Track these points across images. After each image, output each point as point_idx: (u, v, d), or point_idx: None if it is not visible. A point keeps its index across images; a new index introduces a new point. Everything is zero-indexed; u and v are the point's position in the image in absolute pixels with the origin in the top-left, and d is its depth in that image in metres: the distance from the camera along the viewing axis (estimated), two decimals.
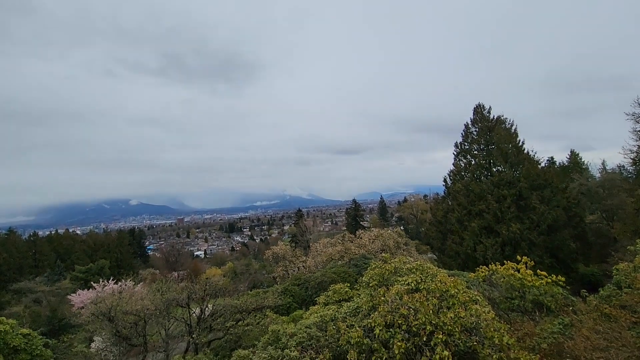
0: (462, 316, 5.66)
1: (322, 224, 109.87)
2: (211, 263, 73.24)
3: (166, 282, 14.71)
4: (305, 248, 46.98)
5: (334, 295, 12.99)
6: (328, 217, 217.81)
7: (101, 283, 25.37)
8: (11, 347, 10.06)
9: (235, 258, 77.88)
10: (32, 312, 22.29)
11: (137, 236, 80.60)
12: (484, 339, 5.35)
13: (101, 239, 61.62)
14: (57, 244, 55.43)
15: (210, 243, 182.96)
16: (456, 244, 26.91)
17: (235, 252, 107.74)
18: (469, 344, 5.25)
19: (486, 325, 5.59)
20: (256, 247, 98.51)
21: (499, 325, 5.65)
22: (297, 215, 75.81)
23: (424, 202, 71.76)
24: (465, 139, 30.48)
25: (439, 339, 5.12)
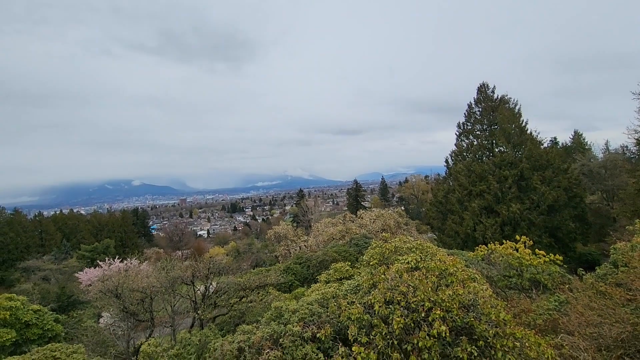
0: (460, 293, 5.80)
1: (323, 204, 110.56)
2: (214, 242, 74.34)
3: (171, 260, 15.02)
4: (307, 228, 47.53)
5: (335, 274, 13.27)
6: (329, 198, 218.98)
7: (107, 261, 25.92)
8: (23, 322, 10.42)
9: (238, 237, 78.94)
10: (41, 289, 22.88)
11: (140, 216, 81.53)
12: (481, 315, 5.50)
13: (105, 219, 62.38)
14: (62, 223, 56.19)
15: (213, 223, 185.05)
16: (456, 223, 27.15)
17: (238, 231, 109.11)
18: (466, 320, 5.39)
19: (483, 302, 5.73)
20: (258, 226, 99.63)
21: (495, 302, 5.80)
22: (299, 196, 76.30)
23: (425, 182, 71.83)
24: (468, 119, 30.18)
25: (437, 314, 5.27)
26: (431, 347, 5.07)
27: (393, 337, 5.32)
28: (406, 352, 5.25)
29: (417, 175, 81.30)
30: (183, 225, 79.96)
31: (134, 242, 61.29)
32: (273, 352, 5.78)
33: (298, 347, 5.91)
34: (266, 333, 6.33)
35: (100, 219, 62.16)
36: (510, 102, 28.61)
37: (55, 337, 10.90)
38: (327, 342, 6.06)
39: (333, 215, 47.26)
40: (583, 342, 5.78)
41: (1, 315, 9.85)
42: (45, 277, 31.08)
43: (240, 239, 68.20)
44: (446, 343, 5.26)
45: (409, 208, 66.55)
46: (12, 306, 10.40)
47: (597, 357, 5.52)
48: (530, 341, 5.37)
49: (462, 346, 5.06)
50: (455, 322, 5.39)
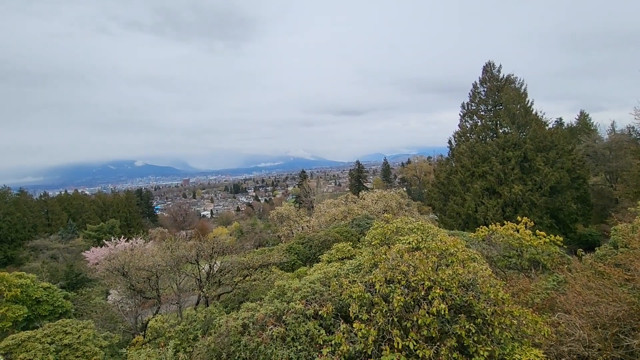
0: (460, 273, 5.89)
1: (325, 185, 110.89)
2: (217, 223, 75.21)
3: (175, 240, 15.26)
4: (309, 208, 47.87)
5: (337, 254, 13.46)
6: (332, 179, 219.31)
7: (113, 241, 26.38)
8: (34, 299, 10.74)
9: (241, 218, 79.80)
10: (50, 268, 23.43)
11: (144, 196, 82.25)
12: (480, 294, 5.61)
13: (110, 199, 62.96)
14: (68, 203, 56.80)
15: (216, 203, 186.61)
16: (458, 205, 27.25)
17: (241, 212, 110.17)
18: (465, 299, 5.50)
19: (482, 281, 5.83)
20: (261, 207, 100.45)
21: (494, 282, 5.90)
22: (301, 177, 76.43)
23: (428, 163, 71.60)
24: (473, 99, 29.73)
25: (437, 293, 5.38)
26: (430, 324, 5.21)
27: (393, 315, 5.46)
28: (406, 328, 5.40)
29: (420, 157, 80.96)
30: (187, 206, 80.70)
31: (139, 222, 62.09)
32: (276, 328, 5.95)
33: (301, 324, 6.08)
34: (269, 310, 6.50)
35: (105, 199, 62.76)
36: (516, 82, 28.09)
37: (65, 314, 11.25)
38: (328, 319, 6.22)
39: (335, 196, 47.47)
40: (579, 320, 5.91)
41: (13, 292, 10.14)
42: (53, 256, 31.75)
43: (243, 220, 68.96)
44: (445, 320, 5.39)
45: (411, 189, 66.67)
46: (23, 284, 10.69)
47: (593, 334, 5.66)
48: (528, 319, 5.50)
49: (460, 323, 5.19)
50: (455, 301, 5.51)
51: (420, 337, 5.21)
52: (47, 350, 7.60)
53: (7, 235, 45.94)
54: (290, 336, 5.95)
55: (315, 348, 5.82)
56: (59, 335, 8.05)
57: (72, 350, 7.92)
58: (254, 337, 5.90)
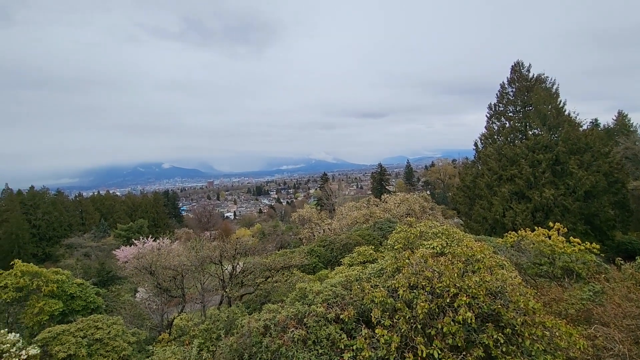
0: (487, 280, 5.68)
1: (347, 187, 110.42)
2: (240, 224, 76.49)
3: (200, 241, 15.64)
4: (331, 211, 47.80)
5: (359, 257, 13.33)
6: (353, 181, 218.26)
7: (141, 240, 27.36)
8: (68, 294, 11.28)
9: (263, 220, 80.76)
10: (83, 265, 24.62)
11: (171, 198, 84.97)
12: (509, 302, 5.37)
13: (139, 200, 65.51)
14: (100, 204, 59.59)
15: (239, 205, 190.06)
16: (484, 209, 26.39)
17: (263, 214, 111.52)
18: (493, 307, 5.29)
19: (512, 289, 5.59)
20: (283, 209, 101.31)
21: (525, 290, 5.64)
22: (323, 179, 76.54)
23: (452, 166, 69.86)
24: (500, 100, 28.78)
25: (463, 301, 5.19)
26: (456, 332, 5.03)
27: (417, 322, 5.32)
28: (430, 336, 5.25)
29: (444, 159, 79.14)
30: (211, 207, 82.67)
31: (166, 222, 64.20)
32: (297, 330, 5.94)
33: (322, 327, 6.04)
34: (291, 312, 6.50)
35: (134, 200, 65.35)
36: (547, 82, 26.95)
37: (97, 309, 11.74)
38: (350, 324, 6.15)
39: (357, 199, 47.18)
40: (619, 334, 5.54)
41: (50, 287, 10.70)
42: (86, 254, 33.34)
43: (265, 221, 69.72)
44: (471, 329, 5.20)
45: (435, 192, 65.22)
46: (59, 279, 11.26)
47: (634, 349, 5.29)
48: (561, 331, 5.21)
49: (488, 333, 4.99)
50: (482, 309, 5.30)
51: (445, 346, 5.05)
52: (80, 344, 7.95)
53: (45, 233, 48.73)
54: (311, 339, 5.92)
55: (337, 352, 5.76)
56: (90, 330, 8.41)
57: (103, 344, 8.24)
58: (276, 339, 5.92)
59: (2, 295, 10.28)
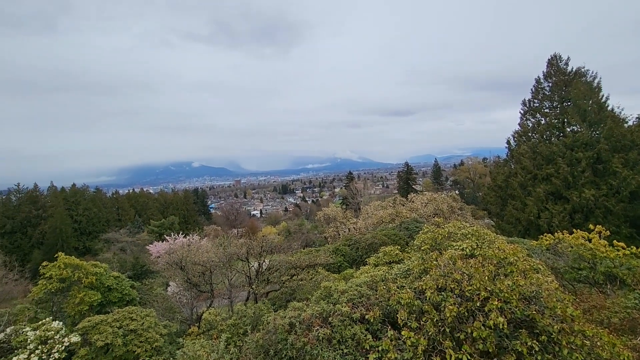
0: (521, 284, 5.41)
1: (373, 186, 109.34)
2: (266, 222, 77.73)
3: (227, 238, 16.02)
4: (356, 210, 47.53)
5: (385, 257, 13.16)
6: (379, 180, 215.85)
7: (172, 236, 28.43)
8: (106, 286, 11.91)
9: (289, 218, 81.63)
10: (119, 259, 25.92)
11: (200, 196, 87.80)
12: (545, 308, 5.10)
13: (170, 198, 68.11)
14: (135, 201, 62.50)
15: (265, 203, 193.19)
16: (517, 210, 25.27)
17: (288, 212, 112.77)
18: (527, 313, 5.04)
19: (548, 294, 5.30)
20: (308, 208, 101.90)
21: (562, 296, 5.33)
22: (348, 178, 76.21)
23: (483, 165, 67.40)
24: (536, 96, 27.41)
25: (494, 305, 4.98)
26: (486, 337, 4.84)
27: (445, 325, 5.17)
28: (459, 340, 5.08)
29: (474, 158, 76.49)
30: (238, 205, 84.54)
31: (195, 219, 66.36)
32: (322, 329, 5.94)
33: (347, 327, 6.01)
34: (316, 311, 6.51)
35: (166, 198, 68.02)
36: (588, 75, 25.36)
37: (131, 301, 12.32)
38: (375, 324, 6.08)
39: (383, 198, 46.61)
40: None
41: (89, 279, 11.35)
42: (122, 248, 35.10)
43: (291, 220, 70.45)
44: (503, 335, 4.98)
45: (464, 192, 63.23)
46: (98, 272, 11.92)
47: None
48: (603, 340, 4.88)
49: (521, 339, 4.77)
50: (515, 314, 5.07)
51: (475, 351, 4.88)
52: (116, 333, 8.37)
53: (85, 228, 51.78)
54: (336, 338, 5.90)
55: (362, 353, 5.71)
56: (126, 321, 8.83)
57: (137, 335, 8.63)
58: (301, 336, 5.95)
59: (48, 285, 11.02)
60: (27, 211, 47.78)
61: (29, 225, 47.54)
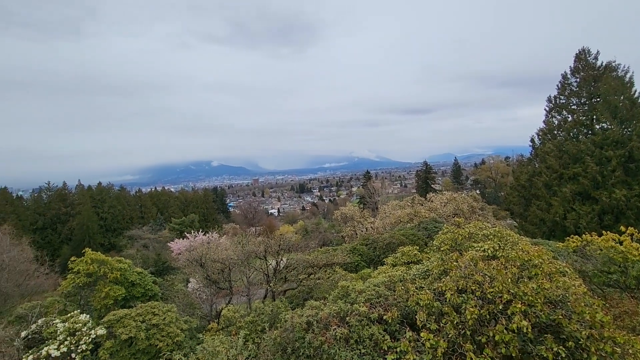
0: (546, 287, 5.23)
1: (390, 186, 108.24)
2: (284, 221, 78.28)
3: (246, 236, 16.23)
4: (374, 210, 47.21)
5: (403, 257, 12.99)
6: (397, 180, 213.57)
7: (193, 234, 29.06)
8: (130, 281, 12.30)
9: (306, 217, 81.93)
10: (142, 255, 26.73)
11: (219, 194, 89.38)
12: (572, 313, 4.90)
13: (190, 196, 69.71)
14: (157, 199, 64.30)
15: (282, 202, 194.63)
16: (542, 210, 24.43)
17: (306, 211, 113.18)
18: (553, 317, 4.86)
19: (575, 299, 5.10)
20: (325, 207, 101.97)
21: (591, 301, 5.11)
22: (365, 177, 75.78)
23: (505, 164, 65.48)
24: (562, 92, 26.39)
25: (518, 308, 4.83)
26: (509, 341, 4.70)
27: (466, 327, 5.05)
28: (480, 344, 4.96)
29: (496, 156, 74.45)
30: (256, 204, 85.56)
31: (214, 217, 67.64)
32: (340, 329, 5.92)
33: (364, 327, 5.97)
34: (333, 310, 6.50)
35: (186, 196, 69.65)
36: (619, 70, 24.20)
37: (153, 297, 12.68)
38: (393, 325, 6.00)
39: (401, 197, 46.06)
40: None
41: (114, 274, 11.76)
42: (145, 245, 36.15)
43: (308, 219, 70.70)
44: (527, 339, 4.83)
45: (485, 192, 61.68)
46: (122, 267, 12.32)
47: None
48: (635, 348, 4.65)
49: (546, 345, 4.60)
50: (540, 318, 4.90)
51: (497, 355, 4.74)
52: (139, 327, 8.63)
53: (110, 225, 53.71)
54: (353, 338, 5.87)
55: (380, 353, 5.66)
56: (148, 316, 9.09)
57: (159, 329, 8.88)
58: (318, 335, 5.95)
59: (76, 279, 11.48)
60: (56, 208, 50.02)
61: (58, 221, 49.76)
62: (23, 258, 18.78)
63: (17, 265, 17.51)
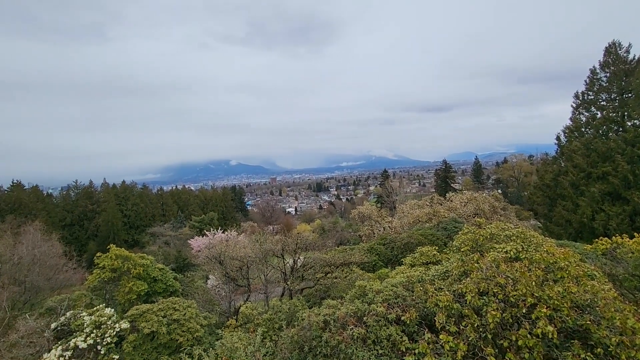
0: (573, 291, 5.02)
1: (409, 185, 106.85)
2: (301, 219, 78.59)
3: (263, 234, 16.40)
4: (391, 209, 46.73)
5: (421, 257, 12.80)
6: (415, 179, 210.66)
7: (212, 232, 29.62)
8: (152, 277, 12.65)
9: (323, 216, 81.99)
10: (163, 252, 27.47)
11: (238, 193, 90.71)
12: (601, 318, 4.69)
13: (210, 195, 71.08)
14: (178, 197, 65.89)
15: (300, 201, 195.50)
16: (568, 211, 23.51)
17: (323, 210, 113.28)
18: (580, 323, 4.66)
19: (604, 304, 4.87)
20: (342, 206, 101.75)
21: (622, 306, 4.87)
22: (383, 176, 75.04)
23: (529, 163, 63.43)
24: (590, 87, 25.28)
25: (542, 312, 4.66)
26: (533, 347, 4.55)
27: (487, 331, 4.92)
28: (502, 348, 4.82)
29: (519, 155, 72.20)
30: (273, 202, 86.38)
31: (233, 215, 68.72)
32: (357, 329, 5.89)
33: (382, 327, 5.91)
34: (350, 310, 6.47)
35: (206, 195, 71.04)
36: None
37: (174, 292, 13.00)
38: (412, 326, 5.92)
39: (419, 197, 45.39)
40: None
41: (137, 270, 12.13)
42: (166, 242, 37.12)
43: (325, 217, 70.73)
44: (552, 345, 4.65)
45: (508, 191, 59.96)
46: (144, 263, 12.69)
47: None
48: None
49: (573, 351, 4.42)
50: (566, 323, 4.72)
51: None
52: (161, 322, 8.87)
53: (134, 222, 55.46)
54: (371, 338, 5.83)
55: (397, 355, 5.59)
56: (169, 311, 9.33)
57: (179, 325, 9.09)
58: (335, 334, 5.94)
59: (101, 274, 11.91)
60: (83, 206, 52.09)
61: (85, 218, 51.80)
62: (53, 253, 19.65)
63: (48, 260, 18.34)
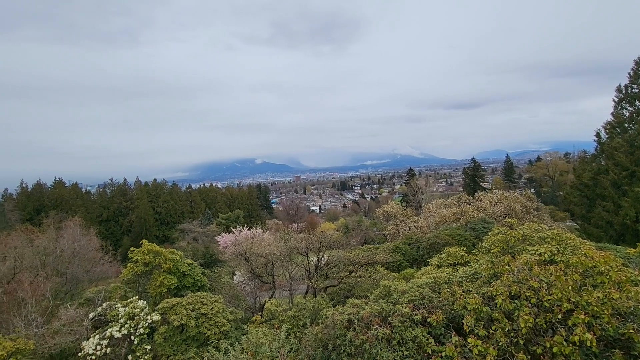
0: (615, 298, 4.71)
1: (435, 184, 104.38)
2: (325, 218, 78.68)
3: (288, 232, 16.57)
4: (417, 208, 45.85)
5: (449, 258, 12.48)
6: (442, 177, 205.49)
7: (238, 229, 30.25)
8: (181, 272, 13.11)
9: (347, 214, 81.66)
10: (192, 248, 28.38)
11: (263, 191, 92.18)
12: None
13: (236, 193, 72.66)
14: (205, 195, 67.85)
15: (324, 199, 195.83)
16: (609, 212, 22.13)
17: (347, 208, 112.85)
18: (623, 331, 4.38)
19: None
20: (367, 204, 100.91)
21: None
22: (409, 175, 73.74)
23: (565, 161, 60.17)
24: (634, 80, 23.66)
25: (580, 319, 4.41)
26: (569, 354, 4.31)
27: (518, 336, 4.72)
28: (534, 355, 4.61)
29: (554, 153, 68.69)
30: (298, 201, 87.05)
31: (258, 213, 69.92)
32: (382, 329, 5.83)
33: (407, 328, 5.81)
34: (375, 310, 6.41)
35: (232, 193, 72.71)
36: None
37: (202, 287, 13.41)
38: (438, 329, 5.78)
39: (446, 196, 44.24)
40: None
41: (168, 265, 12.61)
42: (195, 238, 38.31)
43: (349, 216, 70.37)
44: (591, 353, 4.40)
45: (541, 191, 57.26)
46: (174, 259, 13.18)
47: None
48: None
49: None
50: (606, 331, 4.44)
51: None
52: (189, 315, 9.18)
53: (164, 219, 57.67)
54: (396, 339, 5.74)
55: (423, 357, 5.48)
56: (197, 305, 9.63)
57: (207, 318, 9.37)
58: (359, 334, 5.90)
59: (134, 268, 12.48)
60: (118, 202, 54.77)
61: (119, 214, 54.46)
62: (91, 247, 20.79)
63: (86, 253, 19.44)
